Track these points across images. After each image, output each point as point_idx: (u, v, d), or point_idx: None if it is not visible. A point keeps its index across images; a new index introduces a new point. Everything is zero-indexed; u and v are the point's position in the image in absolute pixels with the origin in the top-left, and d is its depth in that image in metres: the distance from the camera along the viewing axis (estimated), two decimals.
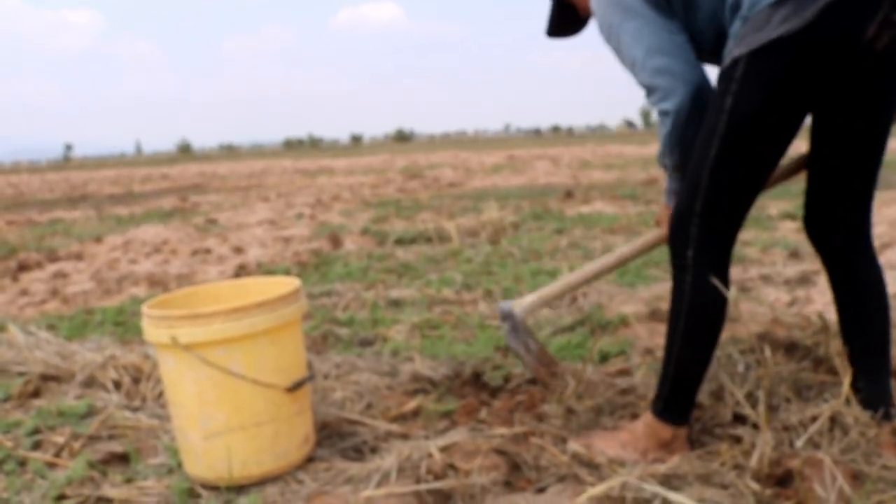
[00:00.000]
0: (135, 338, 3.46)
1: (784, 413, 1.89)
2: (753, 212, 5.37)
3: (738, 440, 1.85)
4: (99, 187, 16.86)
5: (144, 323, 1.85)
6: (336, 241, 5.74)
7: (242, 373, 1.81)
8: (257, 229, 6.66)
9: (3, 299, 4.41)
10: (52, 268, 5.00)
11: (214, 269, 4.98)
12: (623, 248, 2.23)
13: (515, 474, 1.94)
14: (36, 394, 2.67)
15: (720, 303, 1.76)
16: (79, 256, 5.27)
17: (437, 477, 1.88)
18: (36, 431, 2.24)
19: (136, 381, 2.73)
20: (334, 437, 2.15)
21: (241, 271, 4.87)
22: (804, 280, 3.52)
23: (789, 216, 5.94)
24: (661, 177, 7.78)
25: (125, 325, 3.68)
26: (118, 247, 5.83)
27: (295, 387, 1.90)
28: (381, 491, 1.78)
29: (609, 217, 6.22)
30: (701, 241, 1.75)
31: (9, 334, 3.10)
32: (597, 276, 2.25)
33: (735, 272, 3.94)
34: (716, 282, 1.74)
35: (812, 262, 3.97)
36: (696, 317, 1.78)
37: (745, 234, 5.20)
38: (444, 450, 1.98)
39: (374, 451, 2.08)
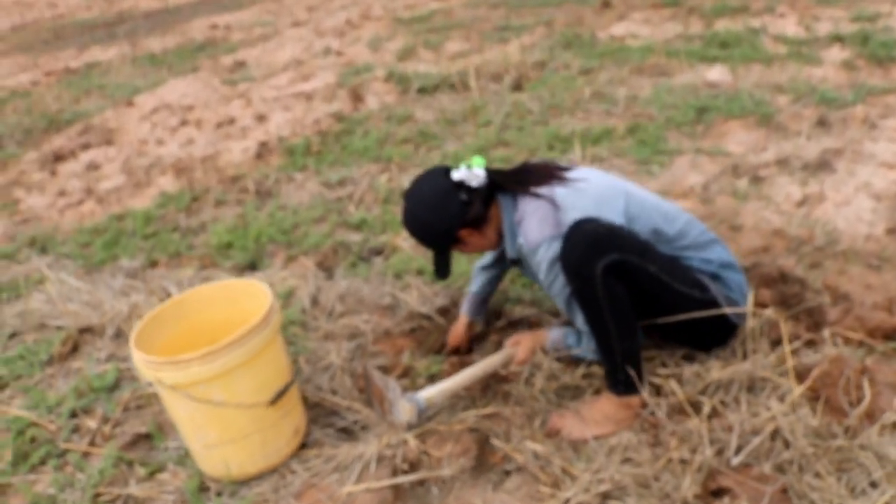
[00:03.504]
0: (161, 257, 3.68)
1: (733, 413, 1.97)
2: (796, 26, 4.96)
3: (684, 437, 1.97)
4: (135, 2, 16.50)
5: (134, 359, 2.01)
6: (357, 98, 5.67)
7: (224, 401, 1.99)
8: (282, 77, 6.58)
9: (44, 202, 4.64)
10: (84, 158, 5.17)
11: (238, 146, 5.05)
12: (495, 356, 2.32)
13: (487, 450, 2.14)
14: (75, 349, 2.95)
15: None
16: (109, 141, 5.40)
17: (412, 465, 2.09)
18: (73, 415, 2.53)
19: None
20: (328, 417, 2.36)
21: (262, 149, 4.93)
22: (823, 165, 3.37)
23: (838, 38, 5.47)
24: None
25: (154, 239, 3.88)
26: (146, 116, 5.92)
27: (276, 398, 2.08)
28: (360, 487, 2.01)
29: (642, 47, 5.85)
30: (613, 266, 1.90)
31: (45, 287, 3.34)
32: (482, 377, 2.31)
33: (754, 150, 3.79)
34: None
35: (838, 135, 3.76)
36: (619, 312, 1.95)
37: (778, 72, 4.87)
38: (419, 435, 2.17)
39: (363, 429, 2.29)
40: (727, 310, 2.06)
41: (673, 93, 4.72)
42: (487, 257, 2.58)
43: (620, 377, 2.02)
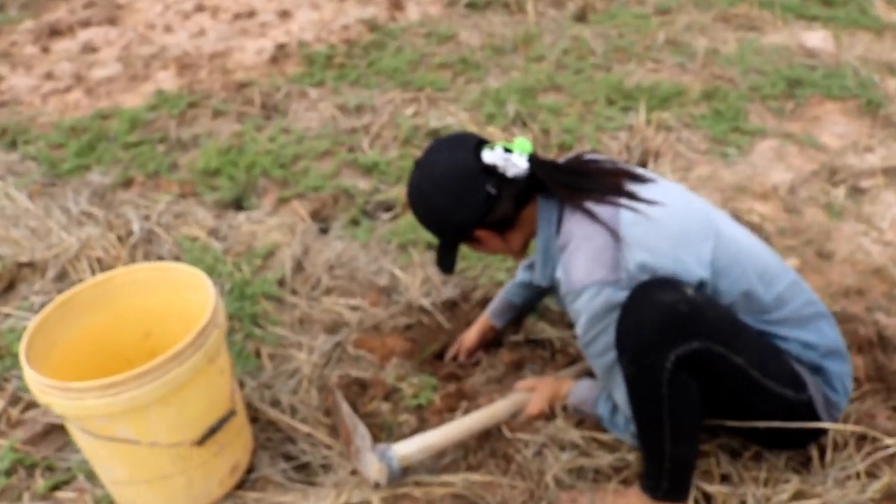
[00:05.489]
0: (138, 175, 3.16)
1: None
2: None
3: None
4: None
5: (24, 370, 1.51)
6: (396, 4, 4.96)
7: (134, 439, 1.50)
8: None
9: (28, 83, 4.10)
10: (82, 36, 4.57)
11: (252, 45, 4.43)
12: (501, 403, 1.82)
13: None
14: (10, 286, 2.49)
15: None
16: (113, 20, 4.77)
17: None
18: None
19: None
20: (282, 444, 1.87)
21: (279, 52, 4.31)
22: None
23: None
24: None
25: (136, 150, 3.35)
26: None
27: (207, 436, 1.59)
28: None
29: None
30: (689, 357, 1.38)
31: None
32: (480, 431, 1.79)
33: (855, 148, 3.11)
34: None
35: None
36: (683, 414, 1.44)
37: (890, 47, 4.09)
38: (389, 498, 1.69)
39: (324, 468, 1.81)
40: (825, 425, 1.51)
41: (761, 54, 3.98)
42: None
43: (663, 484, 1.50)
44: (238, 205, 2.97)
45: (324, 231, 2.82)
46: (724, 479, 1.63)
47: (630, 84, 3.72)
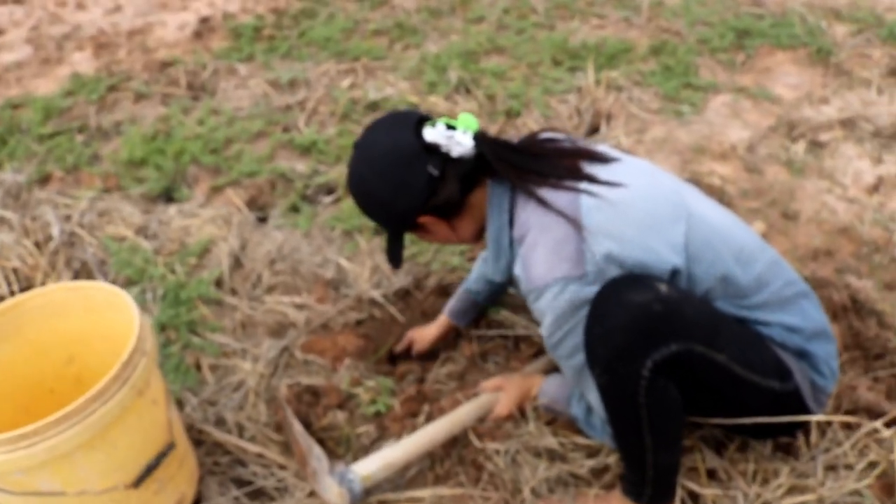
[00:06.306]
0: (55, 170, 2.90)
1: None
2: None
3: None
4: None
5: None
6: None
7: (59, 490, 1.32)
8: None
9: None
10: None
11: (174, 20, 4.14)
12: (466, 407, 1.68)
13: None
14: None
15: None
16: None
17: None
18: None
19: (24, 290, 2.26)
20: (231, 468, 1.71)
21: (203, 26, 4.03)
22: None
23: None
24: None
25: (52, 143, 3.08)
26: None
27: (144, 476, 1.42)
28: None
29: None
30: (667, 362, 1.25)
31: None
32: (445, 440, 1.65)
33: (810, 99, 3.02)
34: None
35: None
36: (664, 423, 1.31)
37: None
38: None
39: (279, 491, 1.66)
40: (812, 417, 1.41)
41: (706, 5, 3.86)
42: None
43: (647, 490, 1.39)
44: (168, 197, 2.75)
45: (262, 220, 2.63)
46: (711, 475, 1.53)
47: (575, 42, 3.57)
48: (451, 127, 1.43)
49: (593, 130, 2.92)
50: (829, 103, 2.89)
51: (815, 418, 1.43)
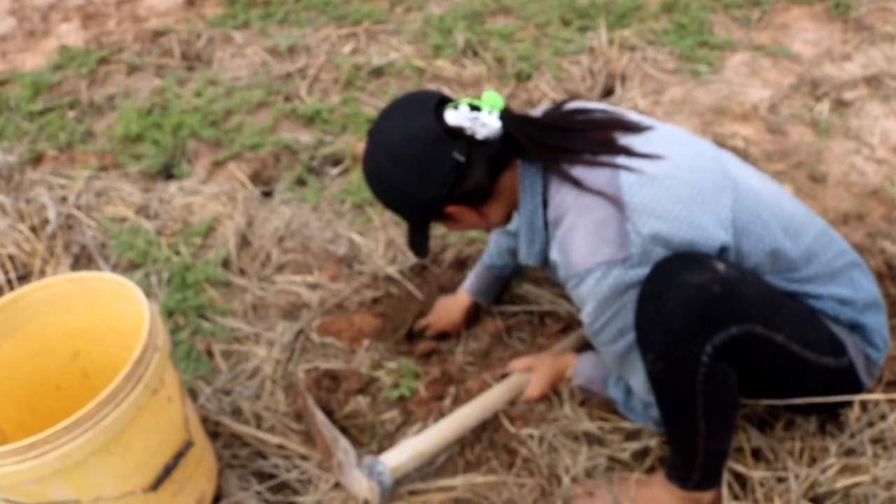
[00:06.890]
0: (48, 149, 2.79)
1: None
2: None
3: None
4: None
5: None
6: None
7: (73, 499, 1.25)
8: None
9: None
10: None
11: None
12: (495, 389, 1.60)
13: None
14: None
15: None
16: None
17: None
18: None
19: (22, 279, 2.18)
20: (251, 460, 1.63)
21: None
22: None
23: None
24: None
25: (43, 120, 2.96)
26: None
27: (162, 478, 1.35)
28: None
29: None
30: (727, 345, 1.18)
31: None
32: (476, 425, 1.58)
33: (830, 55, 2.90)
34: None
35: None
36: (719, 409, 1.26)
37: None
38: None
39: (302, 483, 1.59)
40: (865, 396, 1.34)
41: None
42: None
43: (695, 475, 1.32)
44: (168, 174, 2.64)
45: (267, 195, 2.53)
46: (756, 455, 1.46)
47: (583, 1, 3.43)
48: (474, 108, 1.32)
49: (608, 92, 2.81)
50: (852, 60, 2.77)
51: (868, 397, 1.36)
